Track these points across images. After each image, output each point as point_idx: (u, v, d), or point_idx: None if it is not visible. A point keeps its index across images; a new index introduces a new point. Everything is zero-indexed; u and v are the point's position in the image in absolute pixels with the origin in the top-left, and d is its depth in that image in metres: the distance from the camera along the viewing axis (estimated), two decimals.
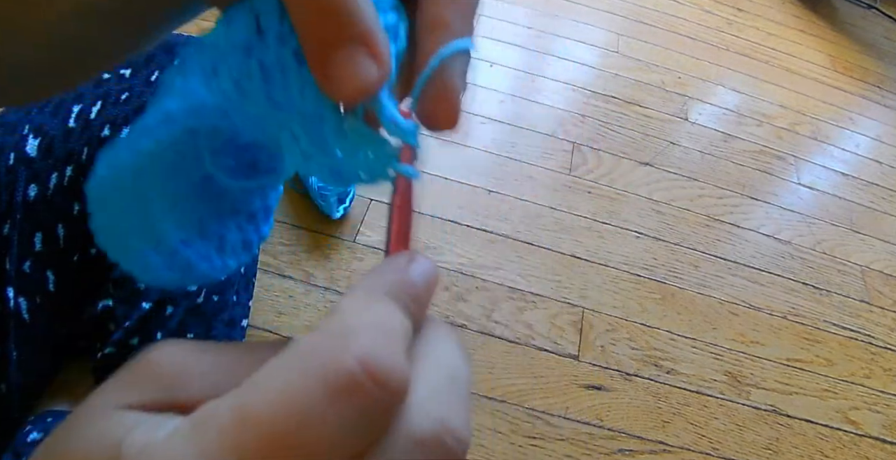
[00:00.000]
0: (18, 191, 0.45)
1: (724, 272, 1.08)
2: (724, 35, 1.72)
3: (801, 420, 0.92)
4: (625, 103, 1.36)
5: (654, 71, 1.49)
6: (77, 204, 0.48)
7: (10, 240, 0.44)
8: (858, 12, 2.12)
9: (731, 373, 0.94)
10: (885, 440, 0.93)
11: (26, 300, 0.45)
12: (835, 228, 1.24)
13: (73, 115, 0.48)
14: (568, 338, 0.91)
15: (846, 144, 1.48)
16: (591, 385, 0.87)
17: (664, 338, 0.96)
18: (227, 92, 0.17)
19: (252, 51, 0.17)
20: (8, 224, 0.44)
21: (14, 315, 0.44)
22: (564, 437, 0.81)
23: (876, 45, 1.95)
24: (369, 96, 0.16)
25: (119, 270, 0.49)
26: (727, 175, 1.27)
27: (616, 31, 1.58)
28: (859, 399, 0.97)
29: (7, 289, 0.44)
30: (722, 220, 1.17)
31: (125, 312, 0.49)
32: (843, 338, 1.05)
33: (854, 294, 1.13)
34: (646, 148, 1.27)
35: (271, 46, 0.17)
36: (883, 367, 1.03)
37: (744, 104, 1.48)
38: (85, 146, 0.47)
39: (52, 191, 0.46)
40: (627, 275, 1.02)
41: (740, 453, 0.86)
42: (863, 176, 1.40)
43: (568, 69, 1.40)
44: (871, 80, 1.76)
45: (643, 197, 1.16)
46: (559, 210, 1.09)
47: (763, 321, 1.03)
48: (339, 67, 0.16)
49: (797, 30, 1.87)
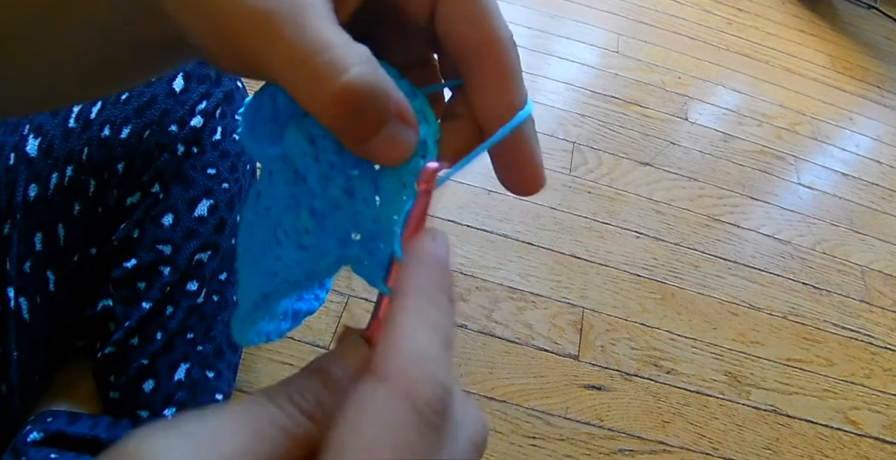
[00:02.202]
0: (18, 191, 0.45)
1: (724, 272, 1.08)
2: (724, 35, 1.72)
3: (801, 420, 0.92)
4: (625, 103, 1.36)
5: (654, 71, 1.49)
6: (77, 204, 0.48)
7: (10, 240, 0.44)
8: (858, 12, 2.12)
9: (731, 373, 0.94)
10: (885, 440, 0.93)
11: (26, 300, 0.45)
12: (835, 228, 1.24)
13: (73, 115, 0.48)
14: (568, 338, 0.91)
15: (846, 144, 1.48)
16: (591, 385, 0.87)
17: (664, 338, 0.96)
18: (291, 256, 0.19)
19: (301, 199, 0.19)
20: (8, 224, 0.44)
21: (14, 315, 0.44)
22: (564, 437, 0.81)
23: (876, 45, 1.95)
24: (410, 151, 0.18)
25: (119, 270, 0.49)
26: (727, 175, 1.27)
27: (616, 31, 1.58)
28: (859, 399, 0.97)
29: (7, 288, 0.44)
30: (722, 220, 1.17)
31: (125, 312, 0.49)
32: (843, 338, 1.04)
33: (854, 294, 1.12)
34: (646, 148, 1.27)
35: (316, 188, 0.18)
36: (883, 367, 1.03)
37: (744, 104, 1.48)
38: (85, 146, 0.47)
39: (53, 191, 0.46)
40: (627, 275, 1.02)
41: (740, 453, 0.86)
42: (863, 176, 1.40)
43: (568, 69, 1.40)
44: (871, 80, 1.75)
45: (643, 197, 1.16)
46: (559, 210, 1.09)
47: (763, 321, 1.03)
48: (382, 139, 0.17)
49: (797, 30, 1.87)
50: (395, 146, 0.17)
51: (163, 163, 0.49)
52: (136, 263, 0.49)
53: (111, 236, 0.49)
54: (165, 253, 0.49)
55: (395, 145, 0.17)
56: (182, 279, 0.50)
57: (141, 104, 0.49)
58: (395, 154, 0.17)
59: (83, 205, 0.48)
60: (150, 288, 0.49)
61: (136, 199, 0.49)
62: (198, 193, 0.50)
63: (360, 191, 0.18)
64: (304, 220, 0.18)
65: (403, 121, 0.17)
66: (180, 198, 0.50)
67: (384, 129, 0.17)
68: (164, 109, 0.50)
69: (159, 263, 0.49)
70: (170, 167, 0.49)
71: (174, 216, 0.49)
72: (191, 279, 0.50)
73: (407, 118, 0.17)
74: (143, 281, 0.49)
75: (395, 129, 0.17)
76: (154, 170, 0.49)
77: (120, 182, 0.49)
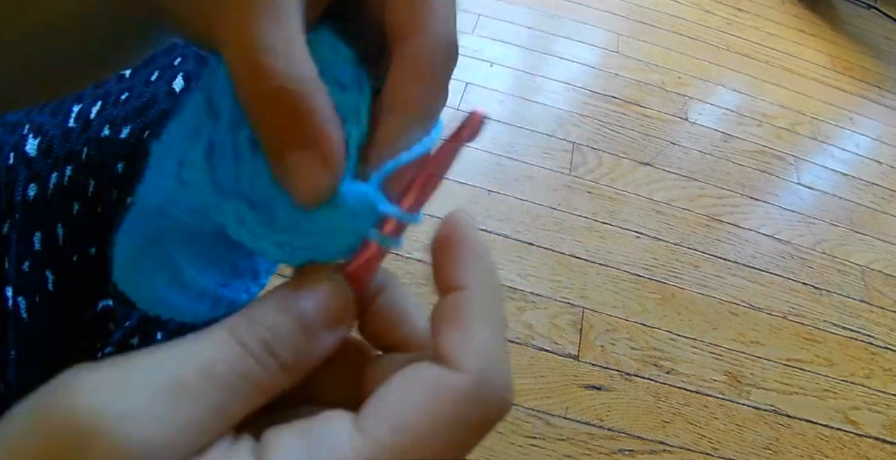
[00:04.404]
0: (18, 191, 0.45)
1: (724, 272, 1.08)
2: (724, 35, 1.72)
3: (801, 420, 0.92)
4: (625, 103, 1.36)
5: (654, 71, 1.49)
6: (77, 204, 0.48)
7: (9, 240, 0.44)
8: (858, 12, 2.12)
9: (731, 373, 0.94)
10: (885, 440, 0.93)
11: (25, 300, 0.45)
12: (835, 228, 1.24)
13: (72, 115, 0.48)
14: (568, 338, 0.91)
15: (846, 144, 1.48)
16: (591, 385, 0.87)
17: (664, 338, 0.96)
18: (169, 189, 0.17)
19: (201, 133, 0.17)
20: (7, 223, 0.44)
21: (13, 314, 0.44)
22: (564, 437, 0.81)
23: (876, 45, 1.95)
24: (324, 198, 0.16)
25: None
26: (727, 175, 1.27)
27: (616, 31, 1.58)
28: (859, 399, 0.97)
29: (6, 288, 0.44)
30: (722, 220, 1.17)
31: (125, 312, 0.49)
32: (843, 338, 1.04)
33: (854, 294, 1.12)
34: (646, 148, 1.27)
35: (223, 130, 0.17)
36: (883, 367, 1.03)
37: (744, 104, 1.48)
38: (85, 146, 0.47)
39: (52, 191, 0.46)
40: (627, 275, 1.02)
41: (740, 453, 0.86)
42: (863, 176, 1.40)
43: (568, 69, 1.40)
44: (871, 80, 1.76)
45: (643, 197, 1.16)
46: (559, 210, 1.09)
47: (763, 321, 1.03)
48: (294, 169, 0.16)
49: (797, 30, 1.87)
50: (306, 178, 0.16)
51: None
52: None
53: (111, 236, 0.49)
54: None
55: (304, 177, 0.16)
56: None
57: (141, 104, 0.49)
58: (303, 188, 0.16)
59: (83, 204, 0.48)
60: None
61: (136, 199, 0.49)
62: None
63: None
64: (195, 153, 0.17)
65: (319, 153, 0.16)
66: None
67: (300, 154, 0.16)
68: (164, 109, 0.50)
69: None
70: None
71: None
72: None
73: (327, 155, 0.16)
74: None
75: (309, 159, 0.16)
76: None
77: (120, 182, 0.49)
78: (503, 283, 0.95)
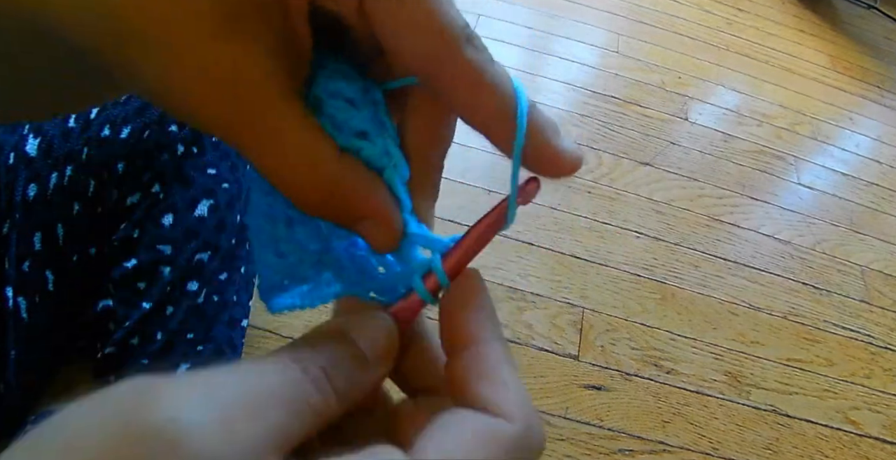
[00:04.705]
0: (18, 191, 0.45)
1: (724, 272, 1.08)
2: (723, 35, 1.72)
3: (801, 420, 0.92)
4: (625, 103, 1.36)
5: (654, 71, 1.49)
6: (77, 204, 0.48)
7: (9, 240, 0.44)
8: (858, 12, 2.12)
9: (731, 373, 0.94)
10: (885, 440, 0.93)
11: (25, 299, 0.45)
12: (835, 228, 1.24)
13: (72, 115, 0.48)
14: (568, 338, 0.91)
15: (846, 144, 1.48)
16: (591, 385, 0.87)
17: (664, 338, 0.96)
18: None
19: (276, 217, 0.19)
20: (7, 223, 0.44)
21: (13, 314, 0.44)
22: (564, 437, 0.81)
23: (876, 45, 1.95)
24: (396, 247, 0.19)
25: (119, 270, 0.49)
26: (727, 175, 1.27)
27: (616, 31, 1.58)
28: (859, 399, 0.97)
29: (6, 288, 0.44)
30: (722, 220, 1.17)
31: (125, 312, 0.48)
32: (843, 338, 1.05)
33: (854, 294, 1.12)
34: (646, 148, 1.27)
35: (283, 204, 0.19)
36: (883, 367, 1.03)
37: (744, 104, 1.48)
38: (85, 146, 0.47)
39: (52, 191, 0.46)
40: (627, 275, 1.02)
41: (740, 453, 0.86)
42: (863, 176, 1.40)
43: (568, 69, 1.40)
44: (871, 80, 1.76)
45: (643, 197, 1.16)
46: (559, 210, 1.09)
47: (763, 321, 1.03)
48: (364, 233, 0.19)
49: (797, 30, 1.87)
50: (375, 238, 0.19)
51: (163, 162, 0.49)
52: (137, 263, 0.49)
53: (111, 236, 0.49)
54: (166, 253, 0.49)
55: (375, 237, 0.18)
56: (182, 279, 0.50)
57: (141, 104, 0.49)
58: (376, 245, 0.19)
59: (83, 204, 0.48)
60: (150, 288, 0.49)
61: (136, 199, 0.49)
62: (198, 193, 0.50)
63: None
64: (280, 230, 0.19)
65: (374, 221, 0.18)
66: (181, 198, 0.50)
67: (363, 223, 0.18)
68: None
69: (159, 263, 0.49)
70: (170, 167, 0.49)
71: (174, 216, 0.49)
72: (191, 279, 0.50)
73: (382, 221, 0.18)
74: (144, 281, 0.49)
75: (369, 226, 0.18)
76: (154, 169, 0.49)
77: (120, 182, 0.49)
78: (503, 283, 0.95)
